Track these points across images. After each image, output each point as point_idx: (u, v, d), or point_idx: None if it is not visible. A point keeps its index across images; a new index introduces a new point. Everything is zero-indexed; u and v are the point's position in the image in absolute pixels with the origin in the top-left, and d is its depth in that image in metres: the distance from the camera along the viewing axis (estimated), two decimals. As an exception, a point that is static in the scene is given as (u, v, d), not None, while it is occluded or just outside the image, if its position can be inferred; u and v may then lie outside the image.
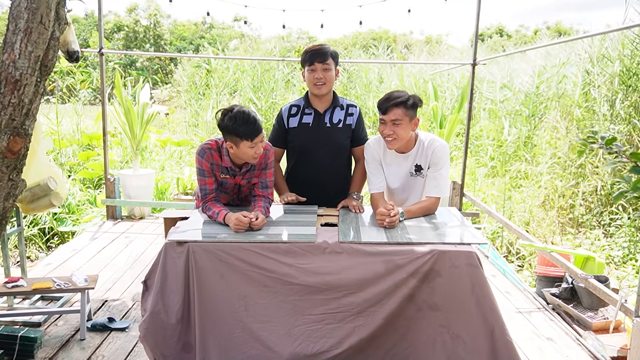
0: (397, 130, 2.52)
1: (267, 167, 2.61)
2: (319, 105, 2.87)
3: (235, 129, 2.31)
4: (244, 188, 2.69)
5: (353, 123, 2.90)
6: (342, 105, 2.91)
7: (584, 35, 6.51)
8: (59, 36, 2.21)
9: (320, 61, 2.72)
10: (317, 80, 2.74)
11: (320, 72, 2.74)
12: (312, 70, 2.75)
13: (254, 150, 2.38)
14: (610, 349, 2.92)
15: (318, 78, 2.74)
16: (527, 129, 7.75)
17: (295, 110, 2.92)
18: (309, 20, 62.20)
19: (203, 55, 14.62)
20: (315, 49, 2.76)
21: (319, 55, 2.72)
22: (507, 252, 5.84)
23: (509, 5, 57.48)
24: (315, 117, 2.87)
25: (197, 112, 11.17)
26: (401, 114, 2.49)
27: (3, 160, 2.12)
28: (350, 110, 2.91)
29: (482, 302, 2.14)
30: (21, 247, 3.34)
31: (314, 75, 2.75)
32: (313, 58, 2.73)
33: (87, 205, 6.38)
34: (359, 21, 5.93)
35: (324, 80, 2.75)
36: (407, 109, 2.49)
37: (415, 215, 2.59)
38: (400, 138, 2.55)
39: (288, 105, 2.96)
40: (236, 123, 2.31)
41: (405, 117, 2.50)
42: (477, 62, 5.20)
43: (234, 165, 2.53)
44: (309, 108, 2.88)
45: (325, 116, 2.88)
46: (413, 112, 2.53)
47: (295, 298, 2.18)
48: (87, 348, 2.83)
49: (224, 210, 2.43)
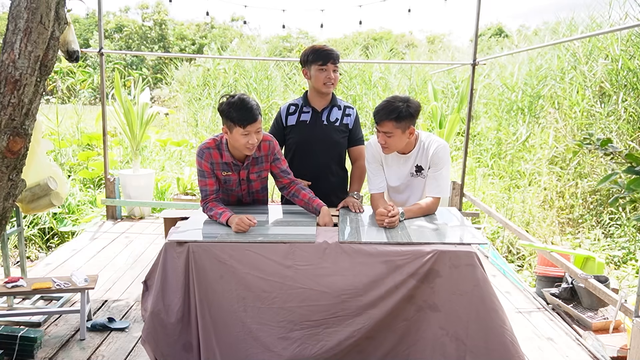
0: (388, 140, 2.53)
1: (277, 157, 2.62)
2: (318, 104, 2.96)
3: (230, 114, 2.30)
4: (255, 183, 2.66)
5: (350, 123, 3.00)
6: (339, 106, 3.01)
7: (584, 35, 6.50)
8: (59, 36, 2.21)
9: (333, 62, 2.82)
10: (328, 80, 2.84)
11: (331, 72, 2.84)
12: (324, 69, 2.83)
13: (246, 139, 2.34)
14: (610, 349, 2.92)
15: (329, 78, 2.84)
16: (526, 129, 7.75)
17: (294, 109, 3.01)
18: (309, 20, 62.21)
19: (203, 55, 14.62)
20: (328, 50, 2.85)
21: (332, 57, 2.83)
22: (507, 252, 5.84)
23: (508, 5, 57.50)
24: (313, 115, 2.96)
25: (197, 112, 11.17)
26: (392, 127, 2.48)
27: (3, 160, 2.12)
28: (347, 111, 3.01)
29: (482, 302, 2.14)
30: (21, 247, 3.34)
31: (325, 75, 2.84)
32: (327, 58, 2.81)
33: (87, 205, 6.38)
34: (359, 21, 5.94)
35: (333, 81, 2.86)
36: (399, 122, 2.47)
37: (415, 215, 2.59)
38: (393, 148, 2.58)
39: (287, 104, 3.04)
40: (232, 108, 2.30)
41: (397, 129, 2.48)
42: (477, 62, 5.20)
43: (236, 160, 2.51)
44: (307, 106, 2.97)
45: (323, 114, 2.96)
46: (406, 123, 2.49)
47: (294, 305, 2.17)
48: (87, 348, 2.83)
49: (228, 212, 2.42)
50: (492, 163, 7.81)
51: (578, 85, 7.23)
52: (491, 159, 7.89)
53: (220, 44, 16.56)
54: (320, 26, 6.19)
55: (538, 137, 7.45)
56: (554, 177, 6.78)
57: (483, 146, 8.31)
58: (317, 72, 2.84)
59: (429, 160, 2.64)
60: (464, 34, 47.48)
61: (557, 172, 6.79)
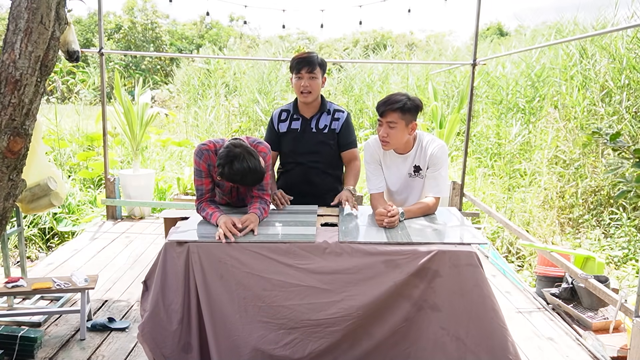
0: (391, 133, 2.53)
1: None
2: (307, 111, 2.95)
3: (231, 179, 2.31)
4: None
5: (337, 128, 2.95)
6: (329, 110, 2.96)
7: (583, 35, 6.50)
8: (59, 36, 2.21)
9: (307, 70, 2.78)
10: (303, 88, 2.81)
11: (306, 80, 2.79)
12: (299, 77, 2.81)
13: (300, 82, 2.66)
14: (610, 349, 2.92)
15: (304, 86, 2.80)
16: (526, 129, 7.75)
17: (285, 115, 2.99)
18: (309, 20, 62.21)
19: (203, 55, 14.62)
20: (303, 57, 2.81)
21: (306, 64, 2.78)
22: (507, 252, 5.84)
23: (508, 5, 57.48)
24: (303, 123, 2.95)
25: (197, 112, 11.18)
26: (397, 117, 2.50)
27: (3, 160, 2.12)
28: (336, 115, 2.96)
29: (483, 302, 2.14)
30: (21, 247, 3.34)
31: (300, 83, 2.81)
32: (300, 66, 2.79)
33: (87, 205, 6.38)
34: (359, 21, 5.95)
35: (310, 89, 2.81)
36: (404, 113, 2.49)
37: (415, 215, 2.59)
38: (394, 141, 2.57)
39: (279, 110, 3.03)
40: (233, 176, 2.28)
41: (401, 120, 2.50)
42: (477, 62, 5.20)
43: None
44: (297, 114, 2.96)
45: (312, 122, 2.95)
46: (410, 116, 2.52)
47: (295, 303, 2.17)
48: (87, 348, 2.83)
49: (217, 212, 2.43)
50: (492, 163, 7.81)
51: (579, 84, 7.23)
52: (491, 159, 7.89)
53: (222, 44, 16.56)
54: (321, 26, 6.20)
55: (538, 137, 7.45)
56: (554, 177, 6.78)
57: (483, 146, 8.31)
58: (295, 81, 2.84)
59: (428, 161, 2.65)
60: (464, 33, 47.48)
61: (558, 172, 6.79)
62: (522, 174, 7.29)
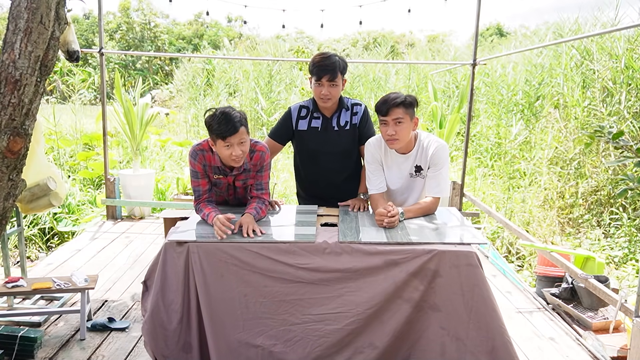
0: (399, 129, 2.52)
1: (262, 169, 2.60)
2: (326, 111, 2.88)
3: (212, 127, 2.32)
4: (240, 190, 2.67)
5: (358, 121, 2.90)
6: (347, 106, 2.90)
7: (582, 35, 6.50)
8: (59, 36, 2.21)
9: (328, 78, 2.70)
10: (324, 96, 2.74)
11: (327, 88, 2.72)
12: (319, 84, 2.73)
13: (229, 151, 2.33)
14: (610, 349, 2.92)
15: (324, 94, 2.73)
16: (526, 129, 7.75)
17: (305, 112, 2.91)
18: (309, 20, 62.17)
19: (203, 55, 14.61)
20: (324, 64, 2.69)
21: (327, 72, 2.68)
22: (507, 252, 5.84)
23: (508, 5, 57.52)
24: (324, 121, 2.88)
25: (197, 112, 11.17)
26: (402, 112, 2.50)
27: (3, 160, 2.12)
28: (355, 110, 2.91)
29: (482, 303, 2.14)
30: (21, 247, 3.34)
31: (320, 90, 2.73)
32: (321, 74, 2.69)
33: (87, 205, 6.38)
34: (359, 21, 5.94)
35: (330, 96, 2.75)
36: (407, 108, 2.52)
37: (415, 215, 2.59)
38: (402, 138, 2.56)
39: (298, 105, 2.94)
40: (214, 121, 2.31)
41: (406, 115, 2.52)
42: (477, 62, 5.20)
43: (224, 166, 2.52)
44: (317, 112, 2.89)
45: (333, 120, 2.88)
46: (412, 110, 2.55)
47: (295, 297, 2.18)
48: (87, 348, 2.83)
49: (214, 212, 2.42)
50: (492, 163, 7.81)
51: (579, 84, 7.23)
52: (491, 159, 7.89)
53: (222, 45, 16.55)
54: (321, 26, 6.20)
55: (538, 137, 7.45)
56: (554, 177, 6.78)
57: (483, 146, 8.31)
58: (314, 86, 2.77)
59: (429, 160, 2.64)
60: (464, 33, 47.46)
61: (558, 172, 6.79)
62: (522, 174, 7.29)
